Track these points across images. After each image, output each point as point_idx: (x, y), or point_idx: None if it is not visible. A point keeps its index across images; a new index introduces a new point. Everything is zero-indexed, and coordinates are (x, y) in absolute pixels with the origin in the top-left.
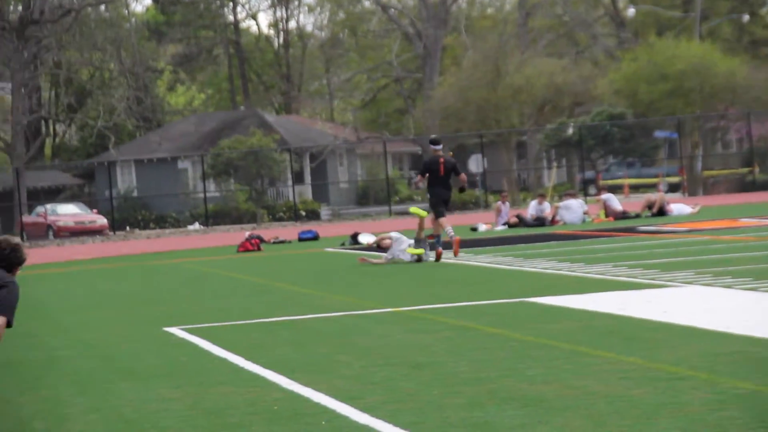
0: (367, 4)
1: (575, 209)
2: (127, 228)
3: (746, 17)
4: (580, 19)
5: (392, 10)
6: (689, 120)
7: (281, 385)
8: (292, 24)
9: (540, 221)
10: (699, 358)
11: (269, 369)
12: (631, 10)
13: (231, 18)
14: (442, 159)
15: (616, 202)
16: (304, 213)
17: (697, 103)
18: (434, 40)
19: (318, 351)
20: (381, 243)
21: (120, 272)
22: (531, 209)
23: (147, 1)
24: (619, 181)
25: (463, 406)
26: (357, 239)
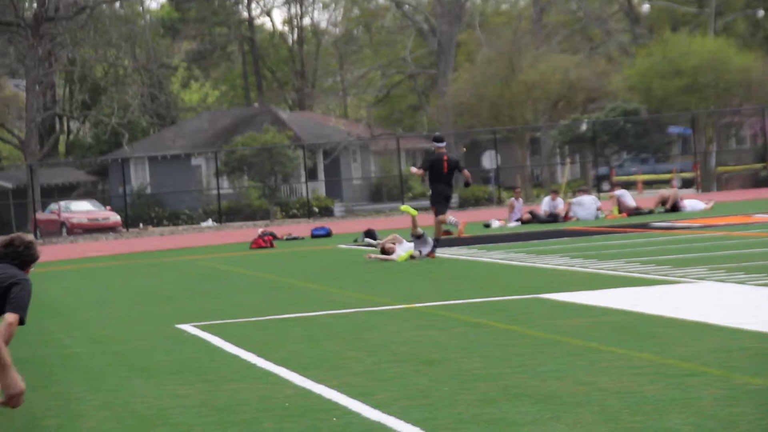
0: (381, 0)
1: (588, 205)
2: (141, 225)
3: (761, 13)
4: (594, 15)
5: (406, 6)
6: (703, 116)
7: (293, 381)
8: (307, 20)
9: (553, 217)
10: (712, 354)
11: (281, 366)
12: (646, 6)
13: (245, 14)
14: (445, 157)
15: (629, 198)
16: (317, 209)
17: (711, 98)
18: (448, 36)
19: (330, 347)
20: (385, 247)
21: (133, 269)
22: (544, 205)
23: None
24: (632, 177)
25: (475, 403)
26: (372, 236)
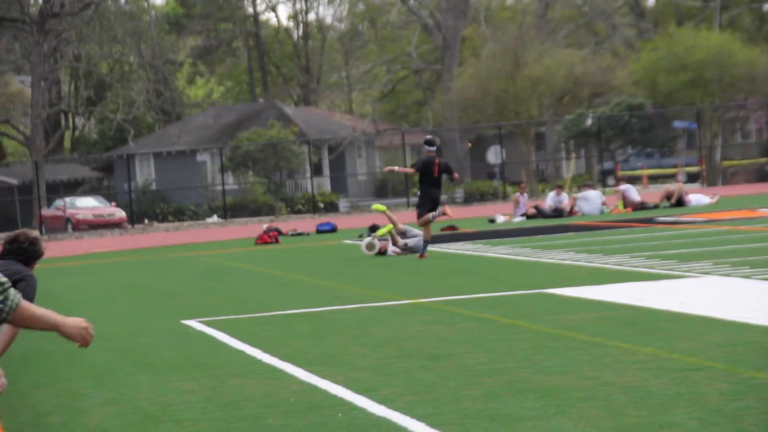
0: None
1: (593, 200)
2: (146, 221)
3: (767, 7)
4: (599, 9)
5: (412, 2)
6: (708, 110)
7: (298, 377)
8: (312, 16)
9: (558, 212)
10: (717, 348)
11: (286, 361)
12: (651, 0)
13: (250, 10)
14: (436, 160)
15: (634, 192)
16: (322, 205)
17: (716, 93)
18: (453, 31)
19: (335, 343)
20: (382, 248)
21: (138, 265)
22: (549, 200)
23: None
24: (637, 172)
25: (480, 398)
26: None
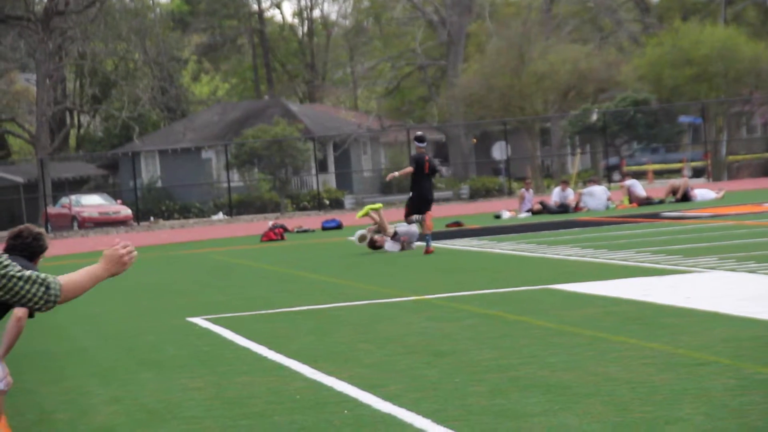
0: None
1: (599, 196)
2: (151, 218)
3: None
4: (604, 4)
5: None
6: (714, 105)
7: (304, 374)
8: (317, 13)
9: (563, 208)
10: (722, 343)
11: (292, 358)
12: None
13: (255, 7)
14: (426, 157)
15: (640, 188)
16: (327, 202)
17: (721, 87)
18: (458, 27)
19: (341, 340)
20: (374, 238)
21: (144, 263)
22: (554, 196)
23: None
24: (643, 167)
25: (485, 394)
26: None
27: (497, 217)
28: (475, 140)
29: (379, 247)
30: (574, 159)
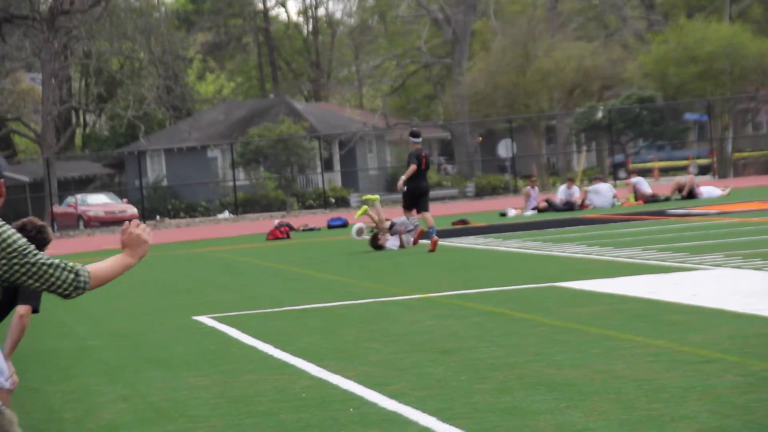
0: None
1: (604, 193)
2: (157, 217)
3: None
4: (609, 1)
5: None
6: (719, 102)
7: (310, 372)
8: (321, 11)
9: (569, 205)
10: (728, 340)
11: (298, 356)
12: None
13: (260, 6)
14: (423, 152)
15: (645, 185)
16: (333, 200)
17: (727, 84)
18: (463, 25)
19: (346, 338)
20: (379, 240)
21: (149, 262)
22: (560, 194)
23: None
24: (649, 165)
25: (491, 392)
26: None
27: (503, 214)
28: (480, 138)
29: (381, 247)
30: (579, 156)
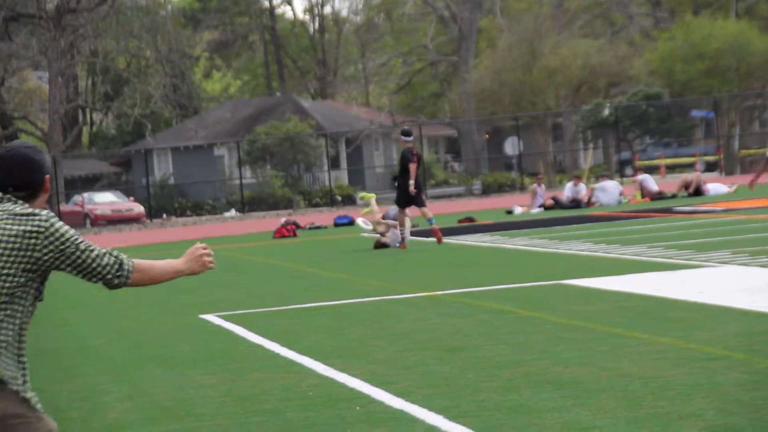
0: None
1: (611, 190)
2: (164, 216)
3: None
4: None
5: None
6: (726, 99)
7: (316, 370)
8: (328, 9)
9: (576, 203)
10: (735, 338)
11: (304, 355)
12: None
13: (266, 4)
14: (414, 151)
15: (652, 182)
16: (339, 198)
17: (733, 81)
18: (469, 22)
19: (353, 336)
20: (378, 231)
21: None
22: (567, 191)
23: None
24: (655, 162)
25: (497, 390)
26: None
27: (509, 212)
28: (487, 136)
29: (384, 245)
30: (586, 154)
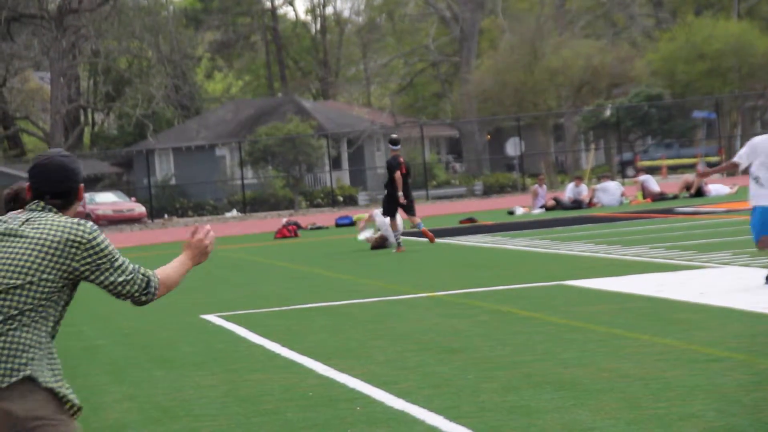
0: None
1: (612, 191)
2: (165, 216)
3: None
4: None
5: None
6: (727, 100)
7: (317, 371)
8: (329, 9)
9: (577, 204)
10: (735, 339)
11: (305, 355)
12: None
13: (268, 4)
14: (401, 158)
15: (653, 183)
16: (341, 199)
17: (735, 82)
18: (471, 23)
19: (353, 337)
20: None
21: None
22: (568, 192)
23: None
24: (657, 162)
25: (498, 391)
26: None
27: (511, 213)
28: (488, 136)
29: (382, 246)
30: (588, 155)
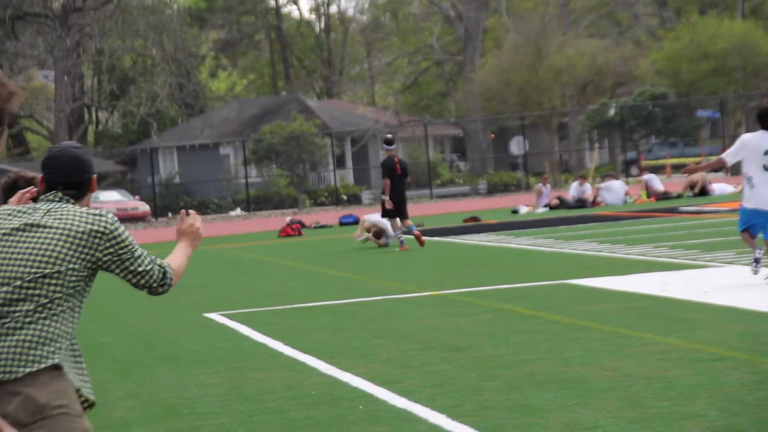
0: None
1: (616, 190)
2: (170, 214)
3: None
4: None
5: None
6: (732, 99)
7: (319, 369)
8: (334, 8)
9: (581, 203)
10: (739, 338)
11: (308, 354)
12: None
13: (272, 3)
14: (396, 158)
15: (657, 182)
16: (345, 197)
17: (739, 81)
18: (475, 22)
19: (356, 335)
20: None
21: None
22: (572, 191)
23: None
24: (661, 162)
25: (501, 389)
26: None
27: (514, 212)
28: (492, 135)
29: (383, 245)
30: (592, 154)
